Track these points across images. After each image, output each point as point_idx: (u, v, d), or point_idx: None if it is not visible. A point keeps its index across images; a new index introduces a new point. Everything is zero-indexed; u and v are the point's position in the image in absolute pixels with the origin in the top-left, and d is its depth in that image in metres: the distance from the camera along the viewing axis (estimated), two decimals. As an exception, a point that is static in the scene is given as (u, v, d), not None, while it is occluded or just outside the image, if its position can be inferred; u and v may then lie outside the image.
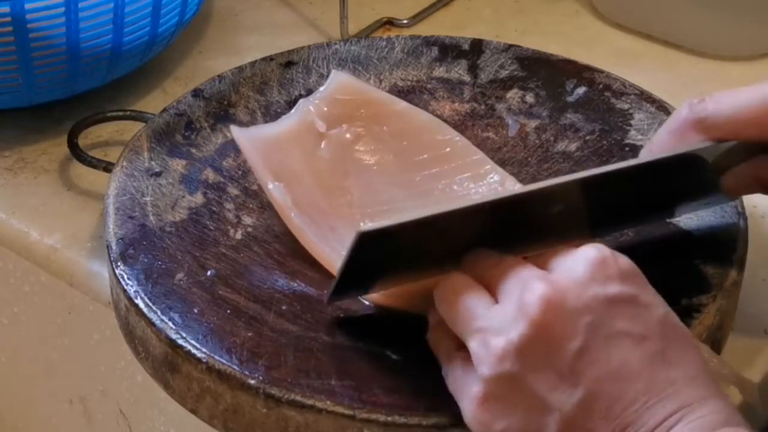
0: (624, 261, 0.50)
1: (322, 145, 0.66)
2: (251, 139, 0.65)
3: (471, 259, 0.53)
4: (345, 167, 0.66)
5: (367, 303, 0.58)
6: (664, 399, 0.48)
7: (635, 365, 0.48)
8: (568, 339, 0.48)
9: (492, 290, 0.51)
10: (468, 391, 0.50)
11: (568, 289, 0.49)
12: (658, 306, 0.50)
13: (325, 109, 0.67)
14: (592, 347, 0.48)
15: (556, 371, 0.48)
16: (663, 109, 0.70)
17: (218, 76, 0.74)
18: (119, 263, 0.60)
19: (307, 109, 0.67)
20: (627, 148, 0.68)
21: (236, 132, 0.65)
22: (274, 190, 0.62)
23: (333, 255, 0.60)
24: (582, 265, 0.49)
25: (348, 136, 0.67)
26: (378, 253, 0.53)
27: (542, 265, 0.51)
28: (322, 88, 0.69)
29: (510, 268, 0.51)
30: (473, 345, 0.50)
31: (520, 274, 0.50)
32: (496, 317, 0.49)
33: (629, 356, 0.48)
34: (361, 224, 0.61)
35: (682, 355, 0.49)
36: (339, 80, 0.69)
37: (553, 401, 0.48)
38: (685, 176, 0.58)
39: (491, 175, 0.65)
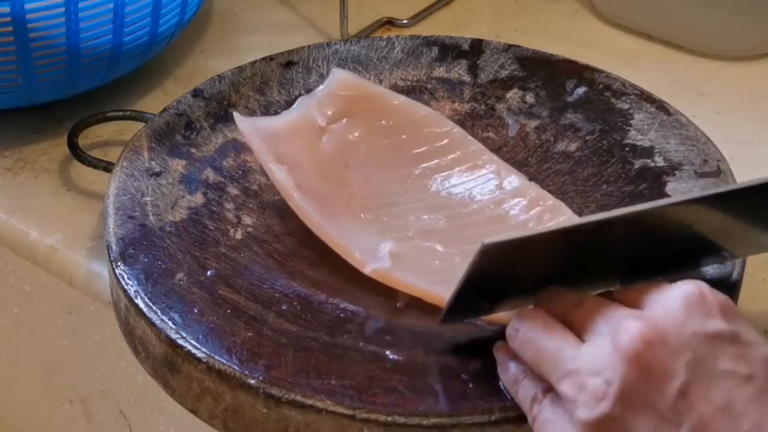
0: (723, 297, 0.48)
1: (323, 139, 0.67)
2: (254, 125, 0.65)
3: (548, 297, 0.51)
4: (345, 159, 0.66)
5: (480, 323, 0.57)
6: None
7: (740, 406, 0.46)
8: (668, 378, 0.45)
9: (576, 331, 0.49)
10: None
11: (665, 325, 0.46)
12: (761, 344, 0.47)
13: (326, 105, 0.68)
14: (694, 387, 0.46)
15: (658, 413, 0.45)
16: (663, 109, 0.70)
17: (218, 76, 0.74)
18: (119, 263, 0.60)
19: (307, 105, 0.67)
20: (627, 148, 0.68)
21: (239, 118, 0.66)
22: (277, 171, 0.62)
23: (336, 234, 0.60)
24: (678, 301, 0.47)
25: (348, 130, 0.67)
26: (498, 270, 0.50)
27: (630, 303, 0.49)
28: (322, 86, 0.69)
29: (596, 308, 0.49)
30: (565, 388, 0.47)
31: (609, 313, 0.48)
32: (589, 357, 0.47)
33: (734, 396, 0.46)
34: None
35: None
36: (339, 77, 0.69)
37: None
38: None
39: (489, 166, 0.65)
